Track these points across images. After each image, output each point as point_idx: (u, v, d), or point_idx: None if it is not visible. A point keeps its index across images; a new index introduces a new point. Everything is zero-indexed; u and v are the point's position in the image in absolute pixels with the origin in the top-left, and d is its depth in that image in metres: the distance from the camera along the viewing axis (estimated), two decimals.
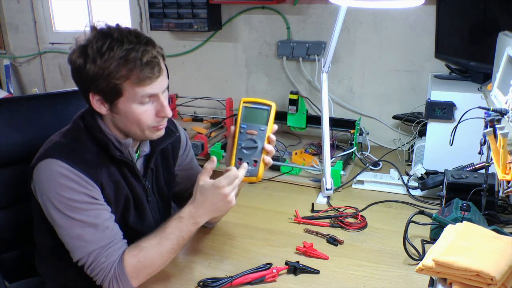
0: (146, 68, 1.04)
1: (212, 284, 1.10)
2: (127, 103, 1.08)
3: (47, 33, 2.87)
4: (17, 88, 3.02)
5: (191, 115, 2.47)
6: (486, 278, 0.87)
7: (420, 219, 1.28)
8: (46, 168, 1.07)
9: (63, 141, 1.13)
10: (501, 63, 1.26)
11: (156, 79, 1.07)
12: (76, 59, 1.06)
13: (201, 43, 2.46)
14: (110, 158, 1.15)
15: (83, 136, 1.14)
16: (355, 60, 2.20)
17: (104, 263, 1.08)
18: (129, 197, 1.19)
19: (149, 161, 1.25)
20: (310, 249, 1.26)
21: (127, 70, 1.04)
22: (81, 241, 1.08)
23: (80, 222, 1.08)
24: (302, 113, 2.07)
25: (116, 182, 1.16)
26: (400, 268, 1.20)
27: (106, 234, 1.10)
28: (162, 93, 1.11)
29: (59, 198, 1.07)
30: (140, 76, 1.04)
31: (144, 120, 1.11)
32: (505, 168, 1.04)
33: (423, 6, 1.78)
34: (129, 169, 1.19)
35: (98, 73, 1.04)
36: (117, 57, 1.03)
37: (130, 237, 1.16)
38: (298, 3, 2.20)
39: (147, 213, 1.25)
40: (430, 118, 1.65)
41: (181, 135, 1.37)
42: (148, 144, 1.25)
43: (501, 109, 1.14)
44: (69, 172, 1.06)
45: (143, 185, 1.24)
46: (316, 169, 1.79)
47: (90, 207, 1.09)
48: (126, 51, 1.03)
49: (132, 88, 1.06)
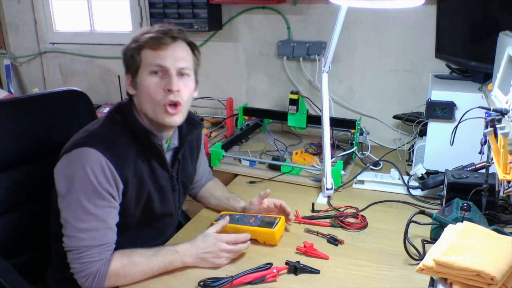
0: (161, 35, 1.15)
1: (213, 284, 1.10)
2: (142, 74, 1.16)
3: (47, 33, 2.87)
4: (18, 88, 3.02)
5: None
6: (486, 278, 0.87)
7: (420, 219, 1.28)
8: (84, 155, 1.10)
9: (100, 130, 1.17)
10: (501, 63, 1.26)
11: (168, 47, 1.15)
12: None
13: (201, 43, 2.46)
14: (141, 151, 1.19)
15: (119, 128, 1.18)
16: (355, 60, 2.20)
17: (94, 258, 1.11)
18: (152, 190, 1.23)
19: (177, 153, 1.30)
20: (311, 249, 1.26)
21: (147, 37, 1.15)
22: (85, 233, 1.11)
23: (93, 215, 1.11)
24: (302, 113, 2.07)
25: (141, 178, 1.19)
26: (400, 268, 1.20)
27: (109, 235, 1.14)
28: (177, 73, 1.16)
29: (86, 187, 1.09)
30: (155, 42, 1.14)
31: (153, 92, 1.15)
32: (506, 168, 1.04)
33: (423, 6, 1.78)
34: (158, 160, 1.23)
35: (130, 46, 1.18)
36: (145, 31, 1.18)
37: (153, 221, 1.27)
38: (298, 3, 2.20)
39: (170, 201, 1.30)
40: (430, 118, 1.65)
41: (202, 132, 1.47)
42: (177, 137, 1.30)
43: (501, 109, 1.14)
44: (105, 163, 1.10)
45: (170, 175, 1.28)
46: (316, 169, 1.79)
47: (108, 204, 1.13)
48: (151, 28, 1.19)
49: (147, 55, 1.15)
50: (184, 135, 1.30)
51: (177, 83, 1.16)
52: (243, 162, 1.90)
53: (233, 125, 2.25)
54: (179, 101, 1.16)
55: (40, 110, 1.43)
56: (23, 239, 1.38)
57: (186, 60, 1.18)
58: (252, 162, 1.89)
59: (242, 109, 2.23)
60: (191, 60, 1.21)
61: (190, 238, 1.23)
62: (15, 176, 1.35)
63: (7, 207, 1.36)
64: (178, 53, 1.17)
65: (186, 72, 1.18)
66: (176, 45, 1.17)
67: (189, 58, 1.20)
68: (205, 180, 1.55)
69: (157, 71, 1.15)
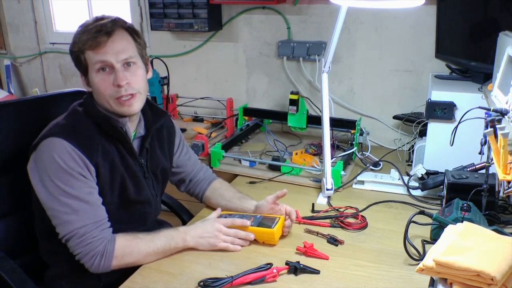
0: (95, 34, 1.15)
1: (213, 284, 1.10)
2: (92, 73, 1.19)
3: (47, 33, 2.87)
4: (18, 88, 3.02)
5: (191, 115, 2.47)
6: (486, 278, 0.86)
7: (420, 219, 1.28)
8: (49, 145, 1.14)
9: (63, 122, 1.21)
10: (501, 63, 1.26)
11: (106, 43, 1.16)
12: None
13: (201, 43, 2.46)
14: (107, 137, 1.22)
15: (82, 118, 1.22)
16: (355, 60, 2.20)
17: (96, 237, 1.14)
18: (124, 175, 1.26)
19: (144, 141, 1.33)
20: (311, 249, 1.26)
21: (84, 40, 1.16)
22: (75, 215, 1.14)
23: (75, 197, 1.14)
24: (302, 113, 2.07)
25: (111, 162, 1.22)
26: (400, 268, 1.20)
27: (99, 212, 1.18)
28: (122, 65, 1.19)
29: (58, 174, 1.13)
30: (92, 43, 1.16)
31: (104, 89, 1.19)
32: (506, 168, 1.04)
33: (424, 6, 1.78)
34: (125, 146, 1.26)
35: (72, 49, 1.20)
36: (80, 31, 1.19)
37: (131, 207, 1.29)
38: (298, 3, 2.20)
39: (144, 187, 1.32)
40: (430, 118, 1.65)
41: (175, 125, 1.49)
42: (143, 126, 1.33)
43: (501, 109, 1.14)
44: (70, 149, 1.14)
45: (139, 163, 1.31)
46: (316, 169, 1.79)
47: (85, 185, 1.17)
48: (86, 26, 1.18)
49: (89, 56, 1.17)
50: (149, 124, 1.33)
51: (124, 76, 1.18)
52: (243, 163, 1.90)
53: (233, 126, 2.25)
54: (131, 94, 1.20)
55: (45, 112, 1.42)
56: (28, 240, 1.37)
57: (127, 50, 1.19)
58: (252, 163, 1.89)
59: (242, 110, 2.23)
60: (133, 47, 1.22)
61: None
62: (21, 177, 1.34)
63: (13, 208, 1.37)
64: (117, 46, 1.17)
65: (132, 61, 1.20)
66: (114, 39, 1.17)
67: (130, 46, 1.21)
68: (203, 176, 1.54)
69: (103, 67, 1.18)
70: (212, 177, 1.57)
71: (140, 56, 1.24)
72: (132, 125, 1.29)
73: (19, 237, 1.38)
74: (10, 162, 1.35)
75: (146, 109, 1.33)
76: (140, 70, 1.24)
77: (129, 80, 1.19)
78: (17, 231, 1.38)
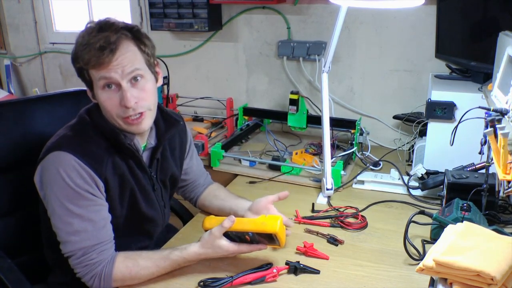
0: (99, 53, 1.06)
1: (212, 284, 1.10)
2: (97, 90, 1.12)
3: (47, 33, 2.87)
4: (18, 88, 3.02)
5: (191, 115, 2.47)
6: (486, 278, 0.87)
7: (420, 219, 1.28)
8: (55, 160, 1.09)
9: (71, 134, 1.15)
10: (501, 63, 1.26)
11: (111, 60, 1.07)
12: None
13: (201, 43, 2.46)
14: (116, 151, 1.17)
15: (90, 129, 1.16)
16: (355, 60, 2.20)
17: (93, 259, 1.11)
18: (135, 189, 1.21)
19: (155, 152, 1.27)
20: (311, 249, 1.26)
21: (87, 59, 1.08)
22: (76, 236, 1.10)
23: (79, 217, 1.10)
24: (302, 113, 2.07)
25: (121, 176, 1.18)
26: (400, 268, 1.20)
27: (102, 234, 1.13)
28: (129, 80, 1.11)
29: (64, 191, 1.08)
30: (95, 63, 1.08)
31: (110, 108, 1.12)
32: (506, 168, 1.04)
33: (423, 6, 1.78)
34: (135, 160, 1.21)
35: (75, 65, 1.12)
36: (82, 44, 1.08)
37: (144, 223, 1.26)
38: (298, 3, 2.20)
39: (153, 201, 1.28)
40: (430, 118, 1.65)
41: (187, 129, 1.43)
42: (155, 136, 1.27)
43: (501, 109, 1.14)
44: (77, 165, 1.08)
45: (149, 175, 1.26)
46: (316, 169, 1.79)
47: (92, 203, 1.11)
48: (88, 38, 1.08)
49: (93, 73, 1.10)
50: (161, 134, 1.27)
51: (132, 96, 1.10)
52: (243, 162, 1.90)
53: (233, 125, 2.25)
54: (140, 112, 1.14)
55: (45, 112, 1.43)
56: (27, 240, 1.37)
57: (133, 63, 1.11)
58: (252, 162, 1.89)
59: (242, 109, 2.23)
60: (140, 59, 1.13)
61: (190, 238, 1.23)
62: (20, 177, 1.34)
63: (12, 207, 1.36)
64: (123, 60, 1.09)
65: (139, 74, 1.12)
66: (118, 55, 1.08)
67: (136, 58, 1.12)
68: (203, 182, 1.52)
69: (109, 84, 1.10)
70: (209, 180, 1.55)
71: (148, 66, 1.16)
72: (142, 138, 1.23)
73: (18, 236, 1.38)
74: (10, 162, 1.35)
75: (158, 118, 1.26)
76: (149, 83, 1.15)
77: (138, 99, 1.12)
78: (17, 231, 1.37)
